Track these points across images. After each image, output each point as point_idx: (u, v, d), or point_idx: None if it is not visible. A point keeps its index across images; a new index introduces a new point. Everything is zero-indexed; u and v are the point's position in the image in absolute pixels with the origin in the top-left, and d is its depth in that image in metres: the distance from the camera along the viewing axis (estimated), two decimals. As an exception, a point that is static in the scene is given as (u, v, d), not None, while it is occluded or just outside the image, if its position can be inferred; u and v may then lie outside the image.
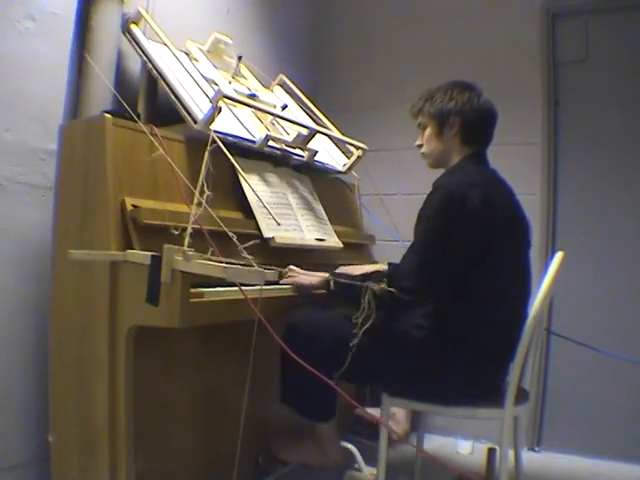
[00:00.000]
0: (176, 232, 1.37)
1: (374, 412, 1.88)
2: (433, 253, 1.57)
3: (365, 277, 1.62)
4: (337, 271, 1.81)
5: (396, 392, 1.68)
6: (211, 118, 1.74)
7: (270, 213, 1.83)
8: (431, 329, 1.63)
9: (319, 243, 2.08)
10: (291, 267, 1.80)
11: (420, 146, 1.80)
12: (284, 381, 1.68)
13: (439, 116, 1.72)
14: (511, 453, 1.66)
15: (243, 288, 1.37)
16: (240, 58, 2.31)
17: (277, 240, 1.87)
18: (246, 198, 1.88)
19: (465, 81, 1.76)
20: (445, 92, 1.73)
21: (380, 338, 1.62)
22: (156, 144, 1.64)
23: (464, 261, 1.57)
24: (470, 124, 1.70)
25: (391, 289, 1.52)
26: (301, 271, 1.79)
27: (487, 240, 1.56)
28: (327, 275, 1.72)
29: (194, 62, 2.13)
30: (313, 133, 2.13)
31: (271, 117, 2.15)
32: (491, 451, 1.94)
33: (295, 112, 2.46)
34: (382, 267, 1.81)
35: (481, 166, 1.72)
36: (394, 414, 2.02)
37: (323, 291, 1.72)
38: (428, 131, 1.76)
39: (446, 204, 1.56)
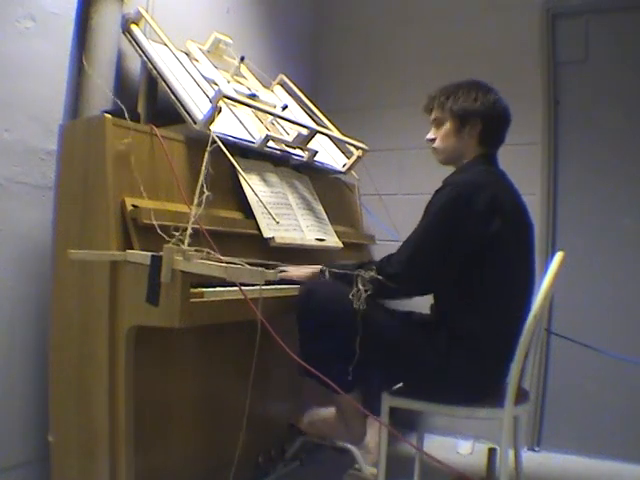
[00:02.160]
0: (177, 233, 1.37)
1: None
2: (429, 247, 1.57)
3: (359, 265, 1.64)
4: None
5: (396, 391, 1.68)
6: (211, 118, 1.74)
7: (268, 211, 1.83)
8: (432, 329, 1.64)
9: (319, 243, 2.08)
10: (280, 268, 1.80)
11: (432, 140, 1.78)
12: (302, 352, 1.64)
13: (462, 115, 1.70)
14: (511, 453, 1.66)
15: (243, 288, 1.37)
16: (243, 59, 2.31)
17: (277, 240, 1.87)
18: (246, 198, 1.88)
19: (484, 82, 1.76)
20: (469, 91, 1.72)
21: (380, 338, 1.62)
22: (156, 144, 1.64)
23: (464, 261, 1.57)
24: (491, 126, 1.71)
25: (379, 276, 1.54)
26: (292, 267, 1.80)
27: (489, 242, 1.56)
28: (319, 267, 1.73)
29: (194, 62, 2.13)
30: (313, 133, 2.13)
31: (271, 117, 2.15)
32: (491, 451, 1.94)
33: (295, 112, 2.46)
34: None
35: (491, 167, 1.73)
36: (368, 444, 1.98)
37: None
38: (446, 127, 1.73)
39: (452, 202, 1.57)
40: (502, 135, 1.76)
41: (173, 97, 1.82)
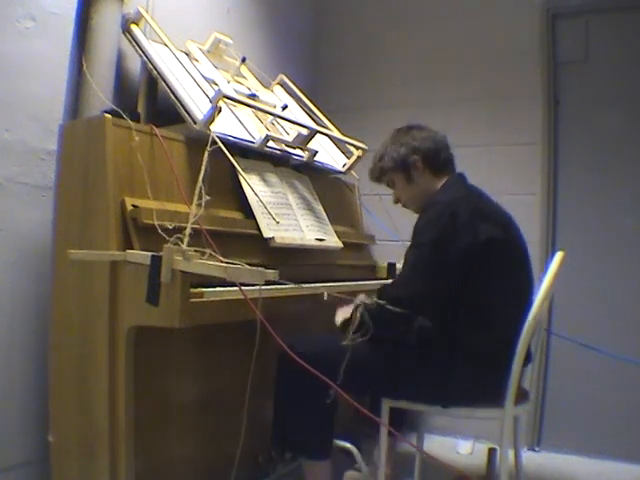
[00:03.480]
0: (170, 227, 1.38)
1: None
2: (424, 264, 1.59)
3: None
4: None
5: (397, 394, 1.68)
6: (211, 118, 1.74)
7: (268, 211, 1.83)
8: (432, 331, 1.64)
9: (319, 243, 2.08)
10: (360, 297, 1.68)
11: (398, 201, 1.85)
12: (277, 421, 1.67)
13: (400, 164, 1.78)
14: (511, 453, 1.66)
15: (243, 288, 1.37)
16: (244, 60, 2.32)
17: (277, 240, 1.87)
18: (246, 198, 1.88)
19: (404, 125, 1.84)
20: (392, 143, 1.81)
21: (380, 340, 1.62)
22: (156, 144, 1.64)
23: (460, 268, 1.58)
24: (430, 155, 1.76)
25: (380, 301, 1.55)
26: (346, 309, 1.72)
27: (482, 249, 1.58)
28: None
29: (194, 62, 2.13)
30: (313, 133, 2.13)
31: (271, 117, 2.15)
32: (492, 451, 1.94)
33: (295, 112, 2.45)
34: None
35: (466, 184, 1.78)
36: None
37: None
38: (399, 183, 1.81)
39: (437, 219, 1.60)
40: (447, 155, 1.80)
41: (173, 97, 1.82)
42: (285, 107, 2.22)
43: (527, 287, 1.68)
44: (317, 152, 2.22)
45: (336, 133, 2.39)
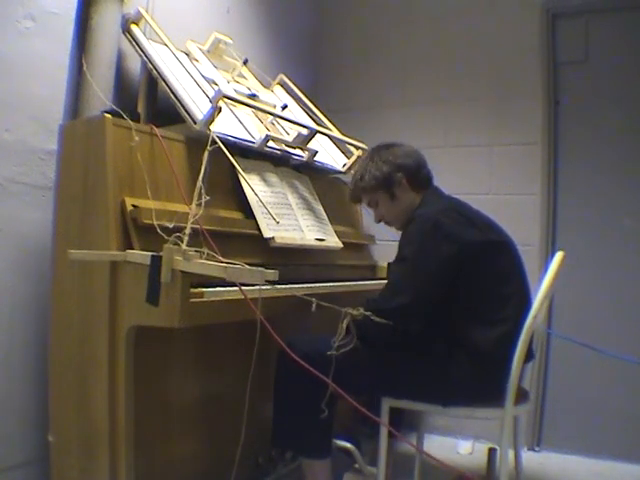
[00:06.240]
0: (170, 226, 1.38)
1: None
2: (408, 277, 1.60)
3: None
4: None
5: (397, 393, 1.68)
6: (211, 118, 1.74)
7: (268, 211, 1.83)
8: (431, 330, 1.64)
9: (319, 243, 2.08)
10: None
11: (380, 220, 1.85)
12: (277, 420, 1.68)
13: (382, 182, 1.76)
14: (511, 453, 1.66)
15: (243, 288, 1.37)
16: (246, 62, 2.32)
17: (277, 240, 1.87)
18: (246, 198, 1.88)
19: (382, 143, 1.84)
20: (371, 160, 1.79)
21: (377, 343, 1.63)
22: (156, 144, 1.64)
23: (444, 278, 1.59)
24: (412, 172, 1.77)
25: (367, 313, 1.54)
26: None
27: (471, 253, 1.59)
28: None
29: (194, 62, 2.13)
30: (313, 133, 2.13)
31: (271, 117, 2.15)
32: (492, 451, 1.94)
33: (295, 112, 2.45)
34: None
35: (445, 195, 1.80)
36: None
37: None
38: (382, 201, 1.80)
39: (422, 230, 1.62)
40: (426, 172, 1.81)
41: (173, 97, 1.82)
42: (285, 107, 2.22)
43: (523, 286, 1.68)
44: (317, 152, 2.22)
45: (336, 133, 2.39)
